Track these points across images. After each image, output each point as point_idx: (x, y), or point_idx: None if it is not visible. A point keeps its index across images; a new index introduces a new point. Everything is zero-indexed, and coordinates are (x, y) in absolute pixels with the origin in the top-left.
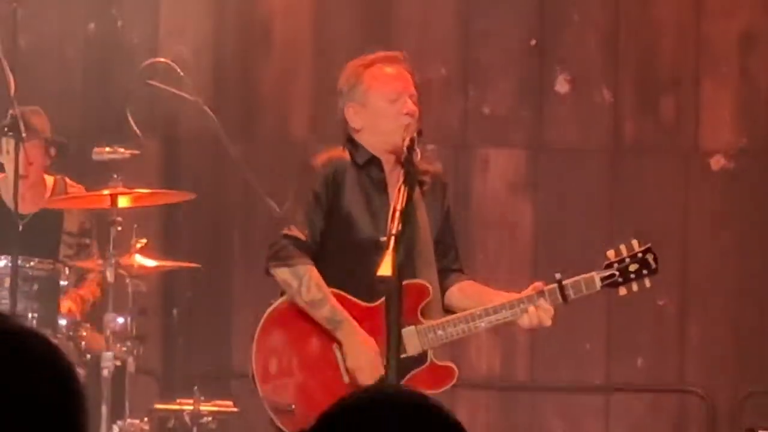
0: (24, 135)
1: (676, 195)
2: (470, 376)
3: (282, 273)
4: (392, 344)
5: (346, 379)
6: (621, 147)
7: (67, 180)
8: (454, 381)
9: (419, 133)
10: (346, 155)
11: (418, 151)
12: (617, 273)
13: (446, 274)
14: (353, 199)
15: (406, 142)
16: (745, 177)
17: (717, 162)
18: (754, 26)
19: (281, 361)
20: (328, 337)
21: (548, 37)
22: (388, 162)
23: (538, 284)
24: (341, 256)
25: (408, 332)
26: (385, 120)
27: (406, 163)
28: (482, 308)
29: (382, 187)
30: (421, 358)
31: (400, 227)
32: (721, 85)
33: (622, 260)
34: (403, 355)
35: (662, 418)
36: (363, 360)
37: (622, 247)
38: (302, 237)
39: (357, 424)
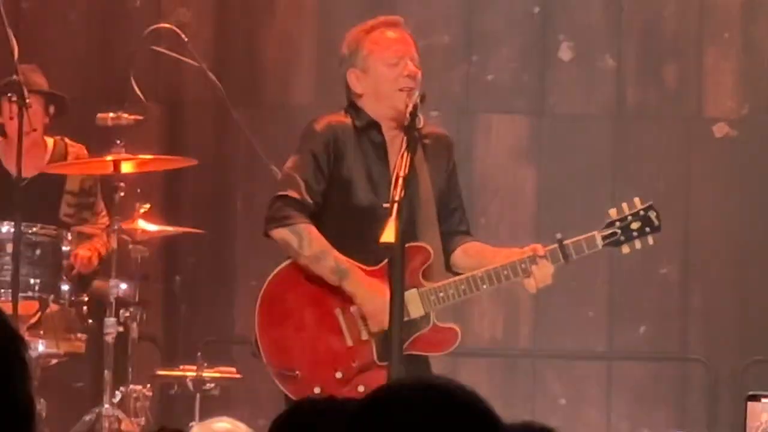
0: (28, 100)
1: (679, 162)
2: (473, 344)
3: (280, 233)
4: (396, 310)
5: (349, 342)
6: (624, 113)
7: (67, 141)
8: (457, 343)
9: (422, 98)
10: (347, 120)
11: (420, 116)
12: (619, 231)
13: (452, 236)
14: (353, 165)
15: (409, 108)
16: (747, 144)
17: (720, 129)
18: None
19: (284, 327)
20: (331, 301)
21: (551, 5)
22: (388, 128)
23: (538, 246)
24: (340, 221)
25: (410, 295)
26: (386, 84)
27: (409, 128)
28: (483, 269)
29: (383, 153)
30: (423, 320)
31: (402, 193)
32: (724, 52)
33: (624, 218)
34: (405, 318)
35: (664, 385)
36: (378, 303)
37: (624, 206)
38: (298, 197)
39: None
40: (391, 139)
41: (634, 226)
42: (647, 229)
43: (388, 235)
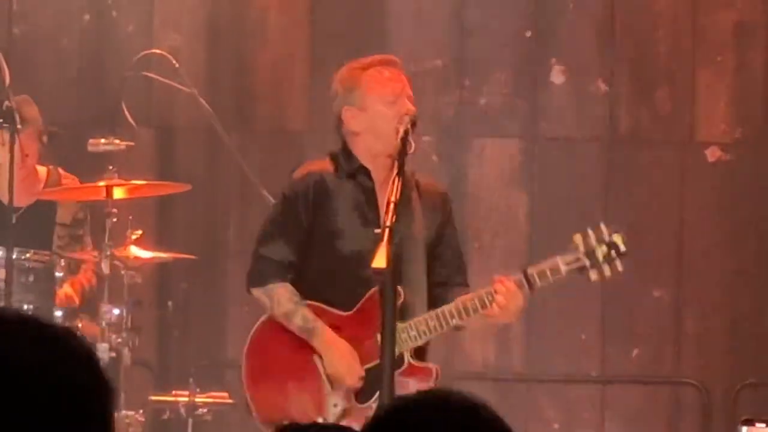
0: (19, 126)
1: (672, 186)
2: (465, 367)
3: (256, 293)
4: (387, 337)
5: (328, 388)
6: (616, 138)
7: (61, 171)
8: (434, 381)
9: (413, 124)
10: (328, 166)
11: (411, 142)
12: (583, 257)
13: (449, 287)
14: (336, 212)
15: (401, 134)
16: (740, 168)
17: (713, 153)
18: (749, 17)
19: (268, 380)
20: (309, 348)
21: (543, 28)
22: (383, 167)
23: (503, 278)
24: (323, 268)
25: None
26: (385, 122)
27: (400, 155)
28: (452, 304)
29: (372, 197)
30: (399, 361)
31: (393, 219)
32: (717, 76)
33: (588, 245)
34: (376, 363)
35: (657, 409)
36: (338, 363)
37: (590, 232)
38: (275, 257)
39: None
40: (381, 182)
41: (601, 252)
42: (613, 254)
43: (380, 260)
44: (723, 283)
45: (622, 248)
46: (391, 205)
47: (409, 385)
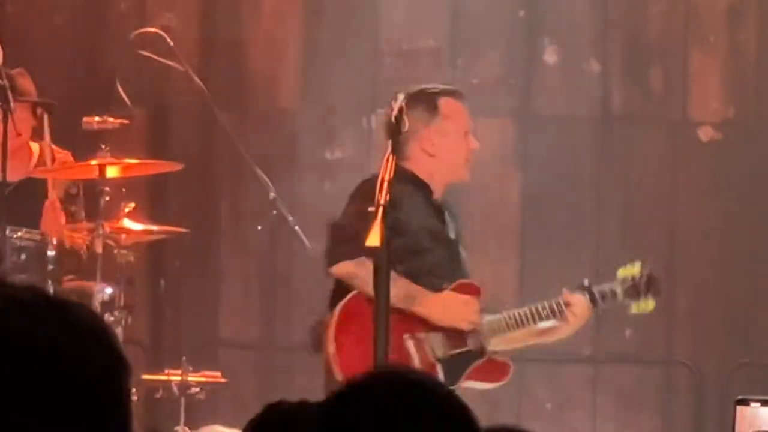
0: (13, 105)
1: (665, 165)
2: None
3: (346, 266)
4: (380, 315)
5: (418, 365)
6: (609, 117)
7: (53, 146)
8: (510, 376)
9: (407, 101)
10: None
11: (406, 121)
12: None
13: None
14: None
15: (395, 112)
16: (733, 147)
17: (705, 132)
18: None
19: (359, 353)
20: (399, 327)
21: (537, 8)
22: (437, 191)
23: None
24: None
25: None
26: (457, 152)
27: (394, 132)
28: (527, 308)
29: (440, 213)
30: (480, 351)
31: (387, 197)
32: (710, 56)
33: (641, 276)
34: (463, 348)
35: (650, 389)
36: (458, 304)
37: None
38: (356, 238)
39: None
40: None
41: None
42: (652, 291)
43: (374, 238)
44: (716, 263)
45: (659, 290)
46: (385, 184)
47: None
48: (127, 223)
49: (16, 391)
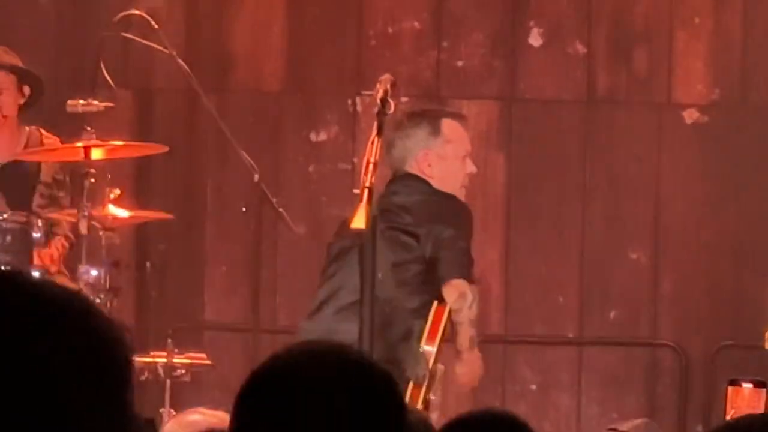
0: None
1: (650, 148)
2: None
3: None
4: (366, 294)
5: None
6: (594, 99)
7: (42, 131)
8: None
9: (393, 84)
10: None
11: (391, 102)
12: None
13: None
14: None
15: (380, 94)
16: (718, 130)
17: (690, 115)
18: None
19: None
20: None
21: None
22: None
23: None
24: None
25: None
26: (455, 176)
27: (379, 114)
28: None
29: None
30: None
31: (372, 179)
32: (695, 38)
33: None
34: None
35: (635, 371)
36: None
37: None
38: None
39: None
40: None
41: None
42: None
43: (359, 221)
44: (700, 245)
45: None
46: (370, 166)
47: None
48: (113, 209)
49: (20, 389)
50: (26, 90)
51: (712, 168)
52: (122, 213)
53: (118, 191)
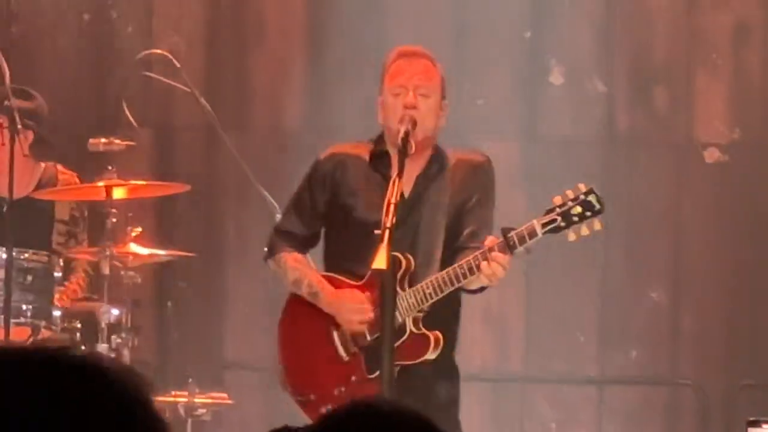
0: (20, 127)
1: (670, 187)
2: (464, 368)
3: (270, 264)
4: (387, 334)
5: (345, 357)
6: (614, 138)
7: (59, 167)
8: (432, 348)
9: (414, 124)
10: (351, 149)
11: (412, 143)
12: (559, 218)
13: (462, 250)
14: (354, 190)
15: (401, 134)
16: (738, 169)
17: (710, 154)
18: (747, 17)
19: (296, 353)
20: (326, 319)
21: (542, 29)
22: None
23: (492, 239)
24: (340, 241)
25: None
26: (392, 114)
27: (400, 154)
28: (444, 271)
29: (387, 181)
30: (400, 330)
31: (393, 220)
32: (715, 77)
33: (564, 204)
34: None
35: (655, 410)
36: (345, 310)
37: (568, 192)
38: (286, 229)
39: None
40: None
41: (575, 211)
42: (588, 213)
43: (380, 261)
44: (720, 284)
45: (597, 207)
46: (391, 207)
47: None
48: (134, 247)
49: None
50: (29, 134)
51: (732, 207)
52: (143, 251)
53: (139, 229)
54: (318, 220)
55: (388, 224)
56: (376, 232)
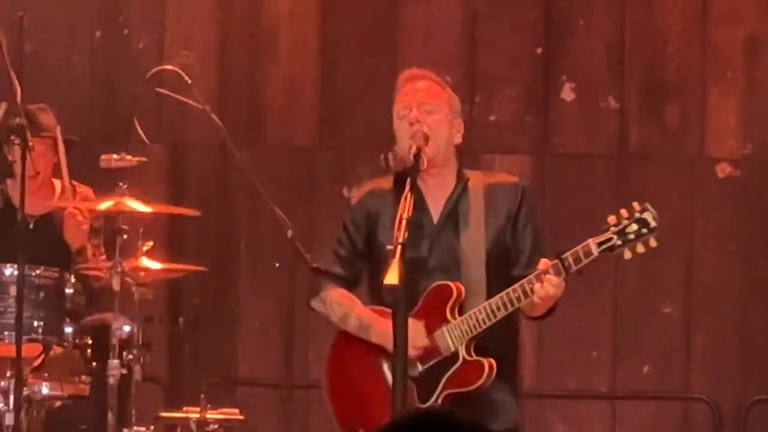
0: (31, 144)
1: (682, 202)
2: None
3: (315, 305)
4: (399, 351)
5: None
6: (626, 154)
7: (74, 183)
8: (486, 375)
9: (426, 140)
10: (387, 184)
11: (424, 159)
12: (615, 236)
13: (521, 277)
14: (389, 223)
15: (413, 150)
16: (751, 184)
17: (723, 169)
18: (759, 32)
19: (346, 390)
20: (375, 352)
21: (554, 45)
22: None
23: (545, 261)
24: (379, 274)
25: (439, 335)
26: (401, 137)
27: (412, 171)
28: (498, 296)
29: (419, 202)
30: (453, 357)
31: (405, 235)
32: (727, 92)
33: (619, 223)
34: (438, 358)
35: (668, 425)
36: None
37: (623, 211)
38: (326, 268)
39: None
40: (426, 187)
41: (631, 229)
42: (644, 231)
43: (392, 277)
44: (732, 299)
45: (652, 224)
46: (404, 222)
47: (463, 380)
48: (146, 262)
49: None
50: (61, 150)
51: (745, 222)
52: (155, 265)
53: (151, 243)
54: (358, 259)
55: (400, 239)
56: (388, 247)
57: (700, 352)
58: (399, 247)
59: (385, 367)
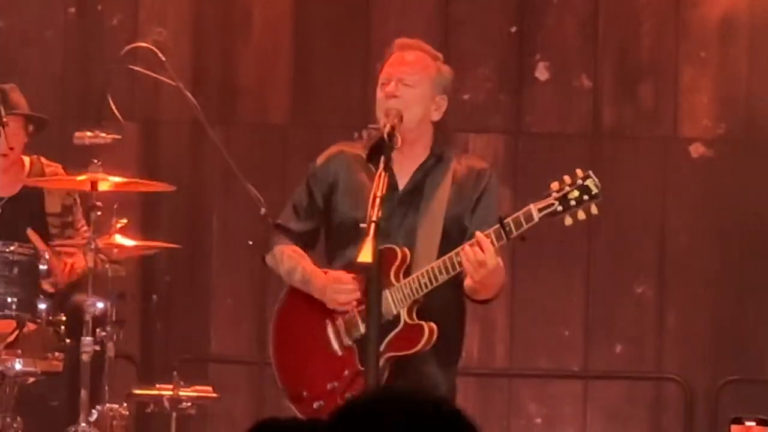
0: (5, 120)
1: (655, 182)
2: None
3: (268, 260)
4: (372, 326)
5: (338, 352)
6: (600, 133)
7: (43, 160)
8: (426, 339)
9: (400, 118)
10: (351, 147)
11: (398, 137)
12: (556, 202)
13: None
14: (352, 186)
15: (387, 128)
16: (724, 164)
17: (696, 149)
18: (733, 12)
19: (288, 350)
20: (320, 313)
21: (528, 24)
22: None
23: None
24: (334, 237)
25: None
26: (378, 106)
27: (386, 148)
28: (440, 260)
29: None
30: (395, 320)
31: (379, 213)
32: (701, 72)
33: (561, 189)
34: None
35: (640, 405)
36: (331, 290)
37: (566, 177)
38: (283, 222)
39: (363, 423)
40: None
41: (573, 195)
42: (585, 197)
43: (365, 254)
44: (705, 279)
45: (594, 191)
46: (377, 200)
47: (404, 343)
48: (119, 239)
49: None
50: (30, 128)
51: (717, 202)
52: (129, 242)
53: (124, 221)
54: (315, 216)
55: (374, 218)
56: (362, 225)
57: (673, 331)
58: (373, 225)
59: (330, 330)
